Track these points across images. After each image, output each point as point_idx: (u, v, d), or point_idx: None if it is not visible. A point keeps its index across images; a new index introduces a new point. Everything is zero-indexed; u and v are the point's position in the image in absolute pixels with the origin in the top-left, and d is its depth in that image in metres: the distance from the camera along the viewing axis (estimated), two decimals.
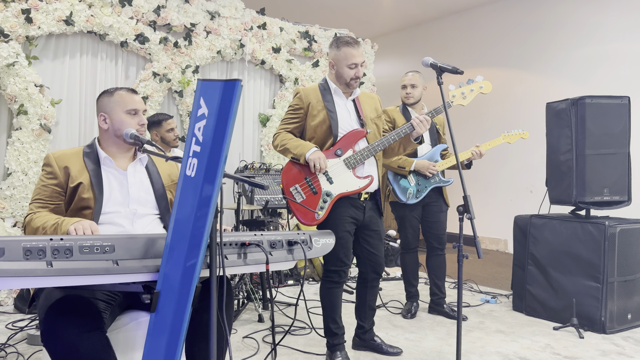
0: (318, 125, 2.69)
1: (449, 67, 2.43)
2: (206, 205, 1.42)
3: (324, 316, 2.79)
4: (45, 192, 1.95)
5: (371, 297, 2.91)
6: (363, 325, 2.95)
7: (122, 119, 2.04)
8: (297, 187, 2.64)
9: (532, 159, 6.36)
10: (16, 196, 3.82)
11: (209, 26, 4.80)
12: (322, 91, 2.74)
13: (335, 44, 2.69)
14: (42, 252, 1.31)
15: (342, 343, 2.78)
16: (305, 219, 2.63)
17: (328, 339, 2.78)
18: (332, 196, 2.63)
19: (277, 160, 5.27)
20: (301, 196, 2.63)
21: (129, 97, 2.08)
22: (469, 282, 4.87)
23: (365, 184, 2.68)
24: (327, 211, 2.63)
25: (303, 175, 2.65)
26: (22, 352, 2.82)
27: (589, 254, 3.49)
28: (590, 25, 6.00)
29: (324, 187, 2.63)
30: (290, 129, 2.75)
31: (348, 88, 2.73)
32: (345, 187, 2.65)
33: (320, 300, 2.79)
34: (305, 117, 2.74)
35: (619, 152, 3.63)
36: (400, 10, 7.49)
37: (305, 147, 2.61)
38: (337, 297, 2.76)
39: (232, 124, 1.42)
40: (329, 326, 2.76)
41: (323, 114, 2.69)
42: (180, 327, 1.42)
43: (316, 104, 2.71)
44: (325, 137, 2.70)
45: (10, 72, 3.78)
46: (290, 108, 2.77)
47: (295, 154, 2.62)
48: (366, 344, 2.96)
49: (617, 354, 3.07)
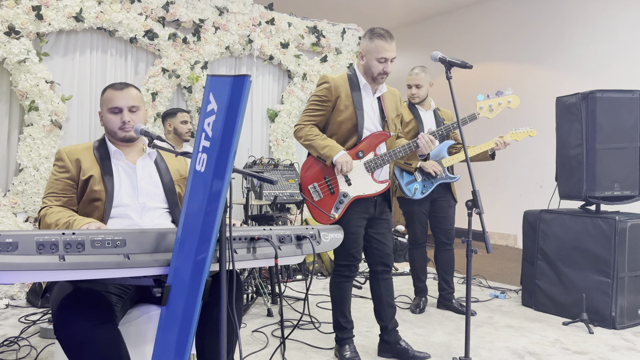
0: (344, 121, 2.62)
1: (458, 61, 2.41)
2: (216, 200, 1.43)
3: (334, 310, 2.78)
4: (58, 186, 1.98)
5: (386, 291, 2.80)
6: (385, 326, 2.82)
7: (107, 118, 2.07)
8: (315, 185, 2.63)
9: (541, 154, 6.32)
10: (28, 191, 3.86)
11: (218, 22, 4.81)
12: (351, 84, 2.65)
13: (368, 35, 2.60)
14: (55, 246, 1.33)
15: (351, 337, 2.78)
16: (319, 219, 2.62)
17: (337, 332, 2.78)
18: (349, 197, 2.61)
19: (285, 156, 5.28)
20: (318, 195, 2.62)
21: (114, 94, 2.06)
22: (478, 277, 4.86)
23: (382, 188, 2.67)
24: (341, 212, 2.62)
25: (322, 175, 2.63)
26: (35, 345, 2.86)
27: (599, 249, 3.47)
28: (601, 19, 5.94)
29: (341, 188, 2.61)
30: (315, 121, 2.66)
31: (374, 83, 2.66)
32: (363, 190, 2.63)
33: (330, 294, 2.79)
34: (331, 110, 2.64)
35: (629, 146, 3.60)
36: (408, 4, 7.46)
37: (333, 149, 2.55)
38: (346, 291, 2.75)
39: (242, 120, 1.43)
40: (338, 320, 2.76)
41: (350, 110, 2.61)
42: (191, 321, 1.43)
43: (345, 98, 2.61)
44: (348, 135, 2.64)
45: (22, 69, 3.82)
46: (317, 98, 2.65)
47: (322, 155, 2.56)
48: (391, 349, 2.81)
49: (628, 349, 3.05)
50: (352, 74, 2.70)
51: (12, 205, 3.84)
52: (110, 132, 2.09)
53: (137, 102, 2.09)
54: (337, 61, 5.60)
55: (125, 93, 2.06)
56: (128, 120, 2.05)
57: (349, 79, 2.67)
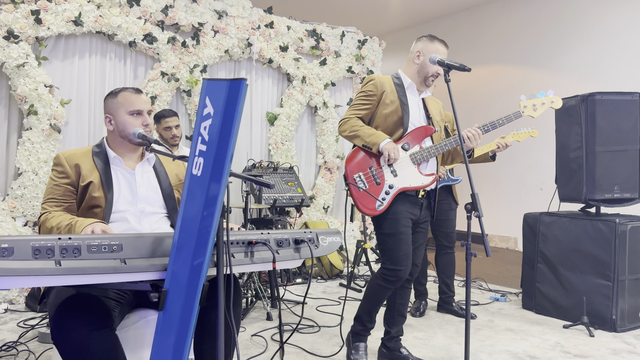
0: (389, 114, 2.65)
1: (456, 64, 2.42)
2: (213, 204, 1.43)
3: (362, 305, 2.72)
4: (58, 191, 1.96)
5: (401, 299, 2.76)
6: (389, 331, 2.79)
7: (126, 120, 2.05)
8: (360, 175, 2.61)
9: (541, 156, 6.31)
10: (27, 196, 3.86)
11: (217, 25, 4.81)
12: (395, 84, 2.71)
13: (428, 37, 2.69)
14: (51, 251, 1.32)
15: (366, 336, 2.76)
16: (366, 208, 2.58)
17: (356, 325, 2.75)
18: (395, 189, 2.58)
19: (284, 159, 5.28)
20: (364, 185, 2.59)
21: (132, 97, 2.07)
22: (478, 280, 4.85)
23: (428, 181, 2.63)
24: (387, 203, 2.58)
25: (368, 165, 2.61)
26: (33, 350, 2.85)
27: (600, 251, 3.46)
28: (601, 22, 5.94)
29: (387, 179, 2.59)
30: (361, 115, 2.69)
31: (424, 84, 2.71)
32: (409, 182, 2.60)
33: (365, 290, 2.72)
34: (377, 104, 2.69)
35: (629, 149, 3.59)
36: (408, 7, 7.46)
37: (379, 136, 2.57)
38: (382, 296, 2.66)
39: (238, 123, 1.42)
40: (362, 316, 2.72)
41: (396, 104, 2.65)
42: (188, 325, 1.43)
43: (390, 93, 2.67)
44: (394, 127, 2.65)
45: (21, 73, 3.82)
46: (363, 94, 2.71)
47: (368, 142, 2.58)
48: (392, 355, 2.78)
49: (628, 352, 3.04)
50: (396, 76, 2.76)
51: (11, 209, 3.83)
52: (125, 135, 2.06)
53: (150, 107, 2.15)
54: (337, 64, 5.61)
55: (141, 97, 2.10)
56: (149, 123, 2.09)
57: (392, 79, 2.75)
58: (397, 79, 2.73)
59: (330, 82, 5.59)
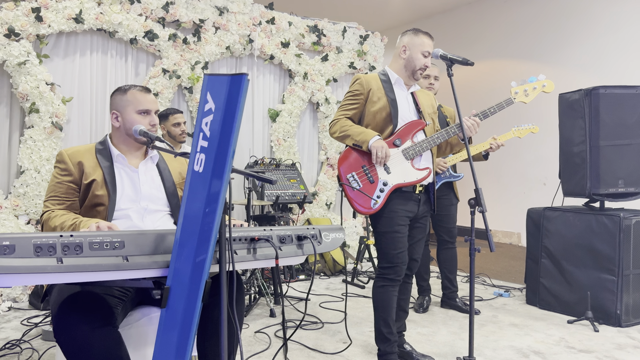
0: (378, 111, 2.64)
1: (459, 58, 2.41)
2: (215, 200, 1.42)
3: (376, 318, 2.61)
4: (60, 189, 1.95)
5: (402, 296, 2.74)
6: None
7: (134, 119, 2.04)
8: (353, 174, 2.60)
9: (545, 151, 6.29)
10: (29, 194, 3.85)
11: (218, 22, 4.80)
12: (382, 80, 2.70)
13: (412, 31, 2.68)
14: (53, 248, 1.31)
15: (395, 352, 2.59)
16: (362, 207, 2.56)
17: (380, 345, 2.59)
18: (389, 186, 2.56)
19: (287, 156, 5.27)
20: (358, 184, 2.58)
21: (141, 96, 2.07)
22: (481, 275, 4.83)
23: (423, 175, 2.61)
24: (383, 201, 2.56)
25: (360, 164, 2.60)
26: (37, 348, 2.85)
27: (604, 246, 3.44)
28: (604, 15, 5.90)
29: (381, 176, 2.58)
30: (350, 115, 2.69)
31: (412, 78, 2.69)
32: (403, 177, 2.59)
33: (373, 300, 2.63)
34: (365, 103, 2.68)
35: (633, 142, 3.57)
36: (410, 2, 7.43)
37: (368, 134, 2.56)
38: (391, 296, 2.58)
39: (240, 119, 1.41)
40: (381, 330, 2.57)
41: (384, 100, 2.64)
42: (191, 323, 1.42)
43: (377, 90, 2.66)
44: (384, 124, 2.64)
45: (22, 71, 3.81)
46: (350, 94, 2.71)
47: (358, 141, 2.57)
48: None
49: (633, 347, 3.03)
50: (383, 73, 2.75)
51: (14, 207, 3.83)
52: (131, 133, 2.05)
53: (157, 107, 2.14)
54: (338, 60, 5.58)
55: (150, 97, 2.10)
56: (156, 123, 2.09)
57: (379, 76, 2.73)
58: (383, 76, 2.72)
59: (332, 78, 5.57)
